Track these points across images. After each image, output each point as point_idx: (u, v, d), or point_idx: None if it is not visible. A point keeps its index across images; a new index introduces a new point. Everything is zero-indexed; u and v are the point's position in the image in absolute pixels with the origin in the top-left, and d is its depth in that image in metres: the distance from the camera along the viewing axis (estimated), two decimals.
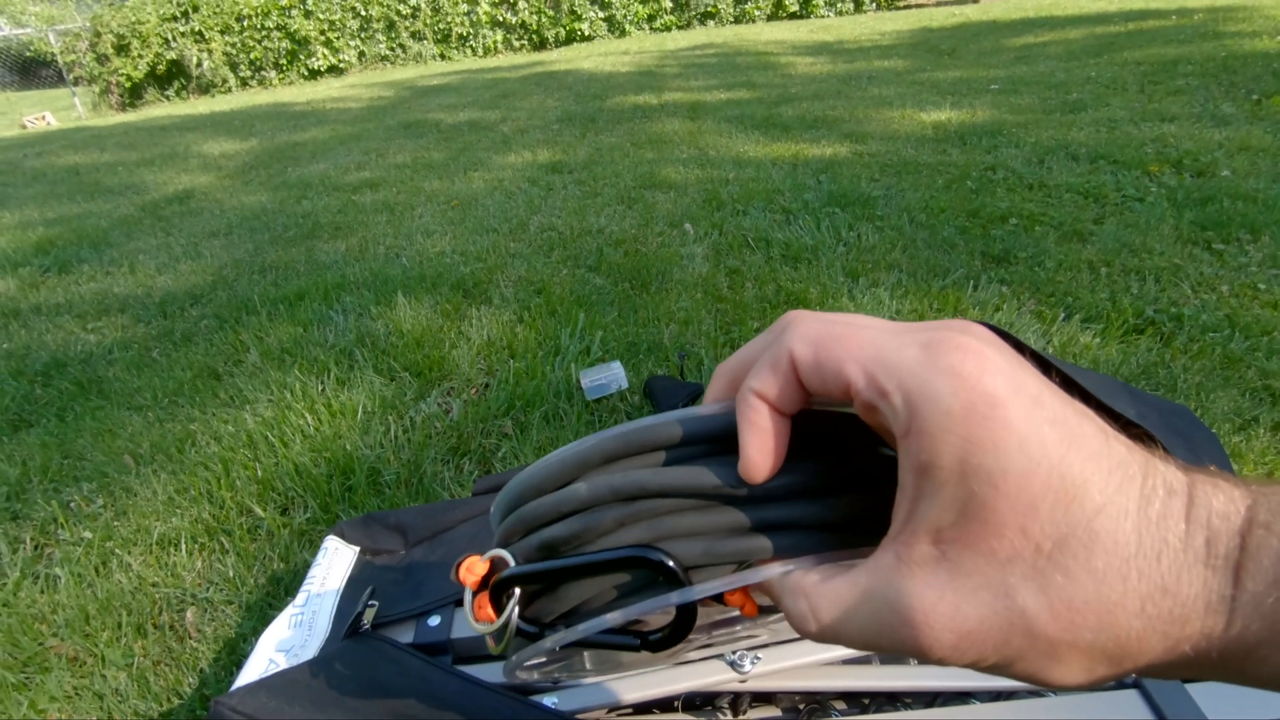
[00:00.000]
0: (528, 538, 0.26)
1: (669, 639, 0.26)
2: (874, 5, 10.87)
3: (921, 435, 0.19)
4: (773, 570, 0.23)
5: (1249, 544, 0.17)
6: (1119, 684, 0.50)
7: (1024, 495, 0.18)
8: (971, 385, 0.18)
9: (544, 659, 0.33)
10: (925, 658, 0.20)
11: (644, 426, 0.24)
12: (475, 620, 0.28)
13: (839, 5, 10.93)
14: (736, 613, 0.32)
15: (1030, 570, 0.18)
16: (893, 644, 0.20)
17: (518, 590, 0.27)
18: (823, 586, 0.22)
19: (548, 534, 0.25)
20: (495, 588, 0.27)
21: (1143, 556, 0.18)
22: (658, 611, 0.25)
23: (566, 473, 0.25)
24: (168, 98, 10.87)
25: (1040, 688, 0.51)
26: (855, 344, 0.21)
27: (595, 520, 0.24)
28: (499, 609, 0.27)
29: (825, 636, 0.22)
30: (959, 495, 0.18)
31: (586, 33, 11.01)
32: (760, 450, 0.22)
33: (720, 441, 0.24)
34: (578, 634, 0.25)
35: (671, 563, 0.23)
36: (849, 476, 0.24)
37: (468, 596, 0.28)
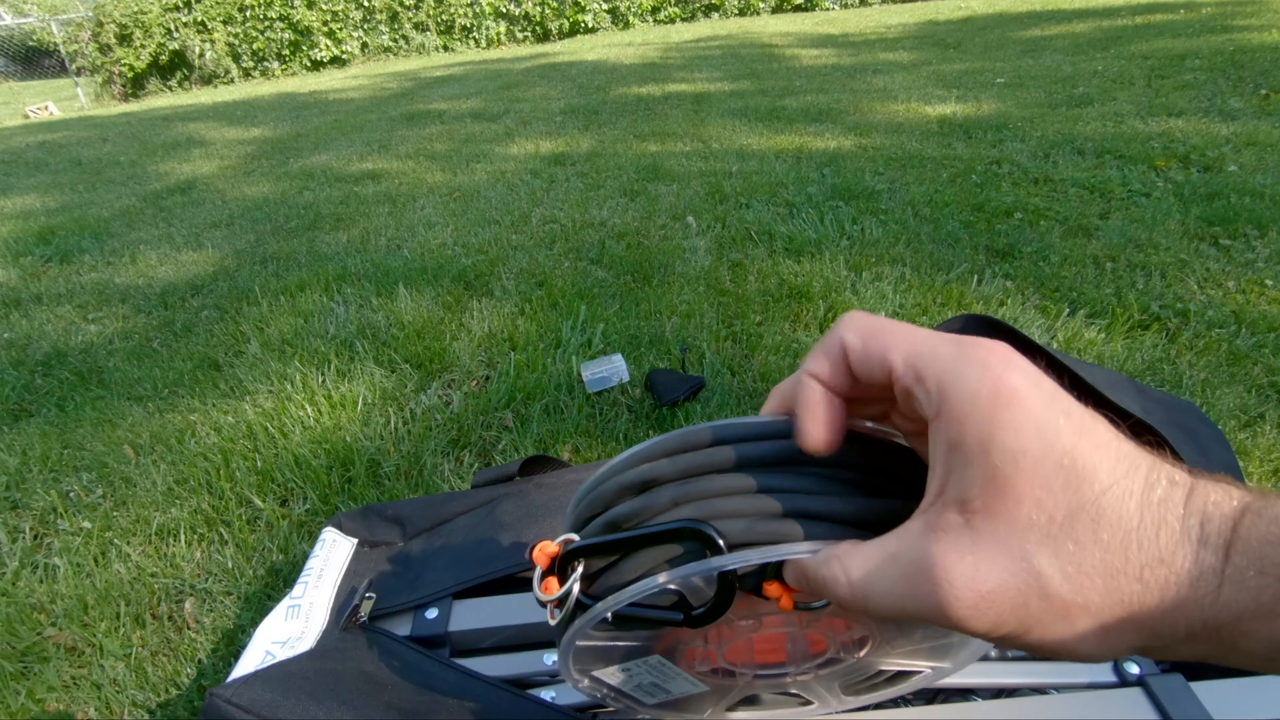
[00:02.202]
0: (594, 521, 0.30)
1: (710, 613, 0.29)
2: None
3: (951, 417, 0.22)
4: (804, 548, 0.25)
5: (1240, 527, 0.20)
6: (1122, 682, 0.50)
7: (1039, 472, 0.20)
8: (997, 376, 0.21)
9: (603, 641, 0.35)
10: (946, 617, 0.22)
11: (699, 427, 0.28)
12: (542, 595, 0.31)
13: None
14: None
15: (1044, 538, 0.21)
16: (916, 603, 0.22)
17: (580, 565, 0.30)
18: (854, 550, 0.24)
19: (612, 513, 0.29)
20: (561, 561, 0.30)
21: (1143, 530, 0.20)
22: (701, 580, 0.28)
23: (633, 464, 0.29)
24: (170, 88, 10.84)
25: (1047, 686, 0.50)
26: (900, 337, 0.24)
27: (653, 500, 0.28)
28: (564, 584, 0.30)
29: (855, 598, 0.24)
30: (983, 470, 0.21)
31: (590, 24, 10.96)
32: (815, 421, 0.26)
33: (764, 441, 0.28)
34: (630, 595, 0.28)
35: (717, 536, 0.26)
36: (885, 486, 0.27)
37: (537, 575, 0.31)
